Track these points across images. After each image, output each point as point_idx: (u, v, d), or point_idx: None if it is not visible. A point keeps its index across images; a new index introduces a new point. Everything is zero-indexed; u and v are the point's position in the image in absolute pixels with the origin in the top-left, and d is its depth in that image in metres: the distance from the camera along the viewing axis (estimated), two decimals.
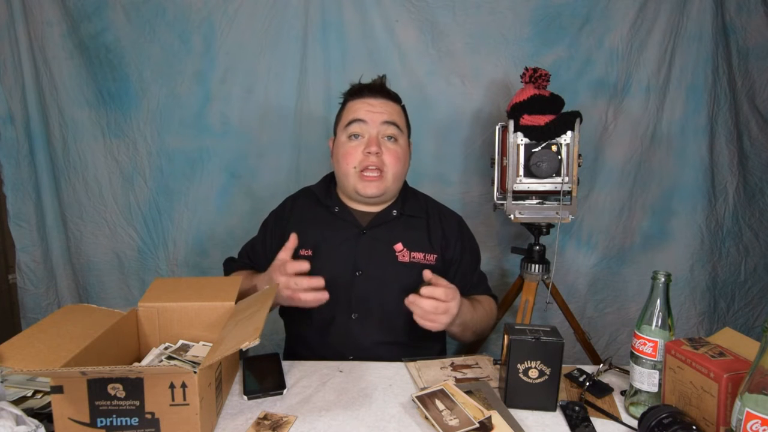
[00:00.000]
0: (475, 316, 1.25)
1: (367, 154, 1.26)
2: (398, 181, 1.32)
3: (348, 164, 1.28)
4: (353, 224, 1.32)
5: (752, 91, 1.88)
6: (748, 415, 0.69)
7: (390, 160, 1.27)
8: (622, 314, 2.01)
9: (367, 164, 1.26)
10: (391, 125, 1.28)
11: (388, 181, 1.28)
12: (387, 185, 1.28)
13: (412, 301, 1.08)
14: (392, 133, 1.29)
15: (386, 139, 1.28)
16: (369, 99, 1.30)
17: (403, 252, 1.28)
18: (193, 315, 1.08)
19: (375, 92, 1.30)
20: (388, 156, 1.27)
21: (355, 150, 1.27)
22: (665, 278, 0.92)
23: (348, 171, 1.28)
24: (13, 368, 0.77)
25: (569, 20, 1.83)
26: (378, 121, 1.27)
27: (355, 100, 1.31)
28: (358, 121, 1.27)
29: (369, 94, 1.30)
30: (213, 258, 1.96)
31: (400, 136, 1.30)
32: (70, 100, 1.85)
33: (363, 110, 1.28)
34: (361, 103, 1.29)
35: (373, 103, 1.29)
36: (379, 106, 1.29)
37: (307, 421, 0.93)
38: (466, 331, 1.25)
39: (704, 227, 1.94)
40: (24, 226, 1.91)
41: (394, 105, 1.32)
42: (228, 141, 1.91)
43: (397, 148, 1.29)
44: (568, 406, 0.96)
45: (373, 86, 1.32)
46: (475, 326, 1.27)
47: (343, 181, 1.32)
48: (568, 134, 1.52)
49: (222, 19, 1.83)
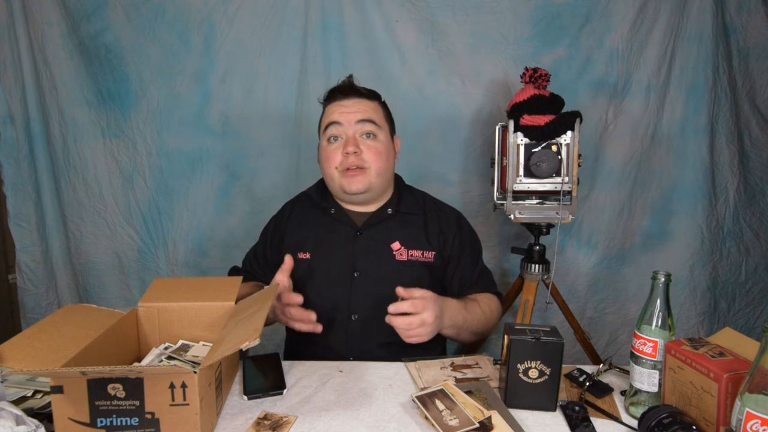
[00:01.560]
0: (470, 317, 1.23)
1: (346, 155, 1.26)
2: (383, 176, 1.31)
3: (330, 166, 1.29)
4: (349, 225, 1.32)
5: (752, 91, 1.88)
6: (748, 415, 0.69)
7: (371, 157, 1.27)
8: (622, 314, 2.01)
9: (347, 165, 1.26)
10: (367, 122, 1.28)
11: (371, 176, 1.28)
12: (371, 180, 1.28)
13: (388, 321, 1.10)
14: (369, 130, 1.29)
15: (364, 138, 1.28)
16: (342, 101, 1.30)
17: (401, 250, 1.29)
18: (193, 315, 1.08)
19: (346, 93, 1.31)
20: (368, 153, 1.27)
21: (335, 152, 1.28)
22: (665, 278, 0.92)
23: (332, 173, 1.29)
24: (13, 368, 0.77)
25: (569, 20, 1.83)
26: (352, 121, 1.27)
27: (330, 104, 1.32)
28: (334, 124, 1.28)
29: (341, 96, 1.31)
30: (213, 258, 1.97)
31: (378, 132, 1.30)
32: (70, 100, 1.86)
33: (337, 112, 1.28)
34: (335, 106, 1.30)
35: (345, 104, 1.29)
36: (351, 106, 1.29)
37: (307, 421, 0.93)
38: (462, 332, 1.24)
39: (704, 227, 1.93)
40: (24, 226, 1.91)
41: (368, 102, 1.31)
42: (228, 141, 1.91)
43: (377, 144, 1.29)
44: (568, 406, 0.96)
45: (343, 87, 1.32)
46: (472, 327, 1.25)
47: (329, 183, 1.33)
48: (568, 134, 1.52)
49: (222, 19, 1.83)
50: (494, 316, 1.33)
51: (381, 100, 1.36)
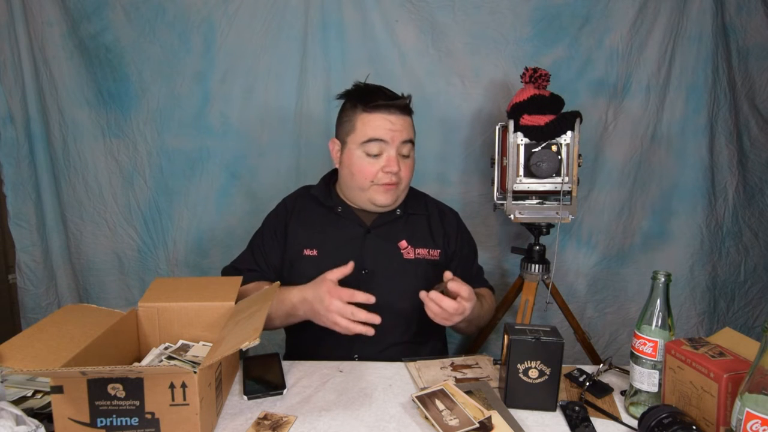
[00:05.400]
0: (480, 312, 1.30)
1: (386, 173, 1.26)
2: (406, 190, 1.36)
3: (365, 179, 1.27)
4: (357, 224, 1.33)
5: (752, 91, 1.88)
6: (748, 415, 0.69)
7: (405, 174, 1.30)
8: (622, 314, 2.01)
9: (386, 181, 1.27)
10: (408, 143, 1.29)
11: (400, 191, 1.32)
12: (399, 194, 1.32)
13: (433, 298, 1.09)
14: (408, 151, 1.30)
15: (402, 157, 1.29)
16: (389, 116, 1.25)
17: (408, 249, 1.31)
18: (193, 315, 1.08)
19: (396, 109, 1.26)
20: (405, 171, 1.30)
21: (373, 167, 1.26)
22: (665, 278, 0.92)
23: (364, 185, 1.28)
24: (13, 368, 0.77)
25: (569, 20, 1.83)
26: (398, 141, 1.26)
27: (373, 114, 1.25)
28: (379, 141, 1.25)
29: (388, 110, 1.25)
30: (213, 258, 1.96)
31: (412, 150, 1.32)
32: (70, 100, 1.85)
33: (384, 129, 1.24)
34: (381, 120, 1.25)
35: (393, 121, 1.25)
36: (399, 124, 1.26)
37: (307, 421, 0.93)
38: (471, 325, 1.33)
39: (704, 227, 1.93)
40: (24, 226, 1.90)
41: (410, 119, 1.31)
42: (228, 141, 1.90)
43: (410, 162, 1.32)
44: (568, 406, 0.96)
45: (397, 105, 1.26)
46: (479, 321, 1.35)
47: (356, 193, 1.31)
48: (568, 134, 1.52)
49: (222, 19, 1.82)
50: (492, 310, 1.44)
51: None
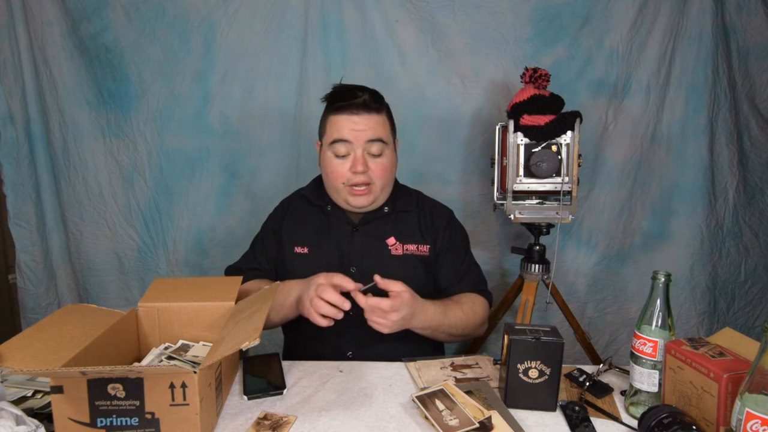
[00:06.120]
0: (447, 320, 1.21)
1: (354, 173, 1.25)
2: (387, 189, 1.32)
3: (336, 180, 1.27)
4: (345, 221, 1.33)
5: (752, 91, 1.88)
6: (748, 415, 0.69)
7: (377, 174, 1.27)
8: (622, 314, 2.01)
9: (354, 182, 1.26)
10: (376, 142, 1.25)
11: (376, 192, 1.29)
12: (375, 195, 1.29)
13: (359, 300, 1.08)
14: (378, 150, 1.26)
15: (371, 156, 1.27)
16: (351, 116, 1.24)
17: (396, 245, 1.31)
18: (193, 315, 1.08)
19: (358, 108, 1.24)
20: (376, 170, 1.27)
21: (341, 167, 1.26)
22: (665, 278, 0.92)
23: (337, 186, 1.28)
24: (13, 368, 0.77)
25: (569, 20, 1.83)
26: (362, 140, 1.24)
27: (337, 116, 1.25)
28: (342, 142, 1.24)
29: (350, 110, 1.24)
30: (213, 258, 1.96)
31: (385, 148, 1.28)
32: (70, 100, 1.85)
33: (346, 129, 1.24)
34: (344, 120, 1.24)
35: (356, 120, 1.24)
36: (362, 124, 1.24)
37: (307, 421, 0.93)
38: (437, 333, 1.22)
39: (704, 227, 1.93)
40: (24, 226, 1.90)
41: (377, 117, 1.26)
42: (228, 141, 1.91)
43: (383, 160, 1.28)
44: (568, 406, 0.96)
45: (355, 104, 1.24)
46: (450, 329, 1.23)
47: (333, 194, 1.32)
48: (568, 134, 1.52)
49: (222, 19, 1.83)
50: (478, 318, 1.30)
51: (386, 107, 1.31)
